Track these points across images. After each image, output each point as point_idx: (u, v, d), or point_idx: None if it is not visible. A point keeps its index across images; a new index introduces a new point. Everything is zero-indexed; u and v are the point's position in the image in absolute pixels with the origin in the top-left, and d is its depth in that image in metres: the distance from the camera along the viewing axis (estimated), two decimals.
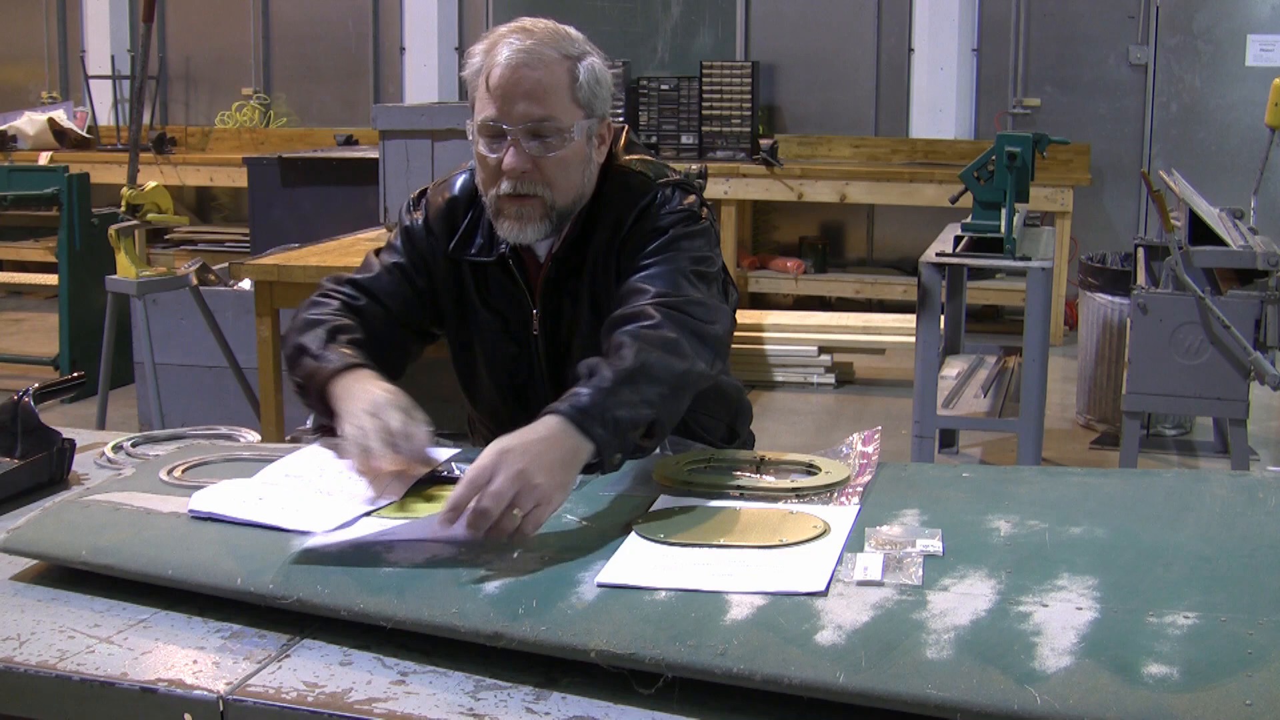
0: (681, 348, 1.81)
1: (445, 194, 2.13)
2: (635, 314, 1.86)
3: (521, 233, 1.96)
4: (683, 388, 1.82)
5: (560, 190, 1.95)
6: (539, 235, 1.97)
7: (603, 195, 2.03)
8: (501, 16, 8.67)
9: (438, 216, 2.12)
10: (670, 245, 1.97)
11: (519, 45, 1.89)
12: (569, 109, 1.91)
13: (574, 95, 1.92)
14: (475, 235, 2.08)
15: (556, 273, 2.05)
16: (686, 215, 2.00)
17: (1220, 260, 4.15)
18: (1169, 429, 5.30)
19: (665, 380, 1.77)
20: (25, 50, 9.68)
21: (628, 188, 2.03)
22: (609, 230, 2.01)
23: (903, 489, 1.71)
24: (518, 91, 1.88)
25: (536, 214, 1.94)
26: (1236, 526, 1.52)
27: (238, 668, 1.36)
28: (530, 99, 1.88)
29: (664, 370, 1.77)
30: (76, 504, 1.73)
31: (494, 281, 2.09)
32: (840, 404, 5.95)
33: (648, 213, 2.00)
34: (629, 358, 1.75)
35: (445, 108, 4.97)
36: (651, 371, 1.75)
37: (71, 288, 5.93)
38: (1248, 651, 1.19)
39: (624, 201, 2.02)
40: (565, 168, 1.94)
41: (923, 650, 1.23)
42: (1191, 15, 7.43)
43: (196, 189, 8.93)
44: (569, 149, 1.92)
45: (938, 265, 4.33)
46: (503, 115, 1.89)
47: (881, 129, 8.05)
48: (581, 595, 1.38)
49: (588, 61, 1.94)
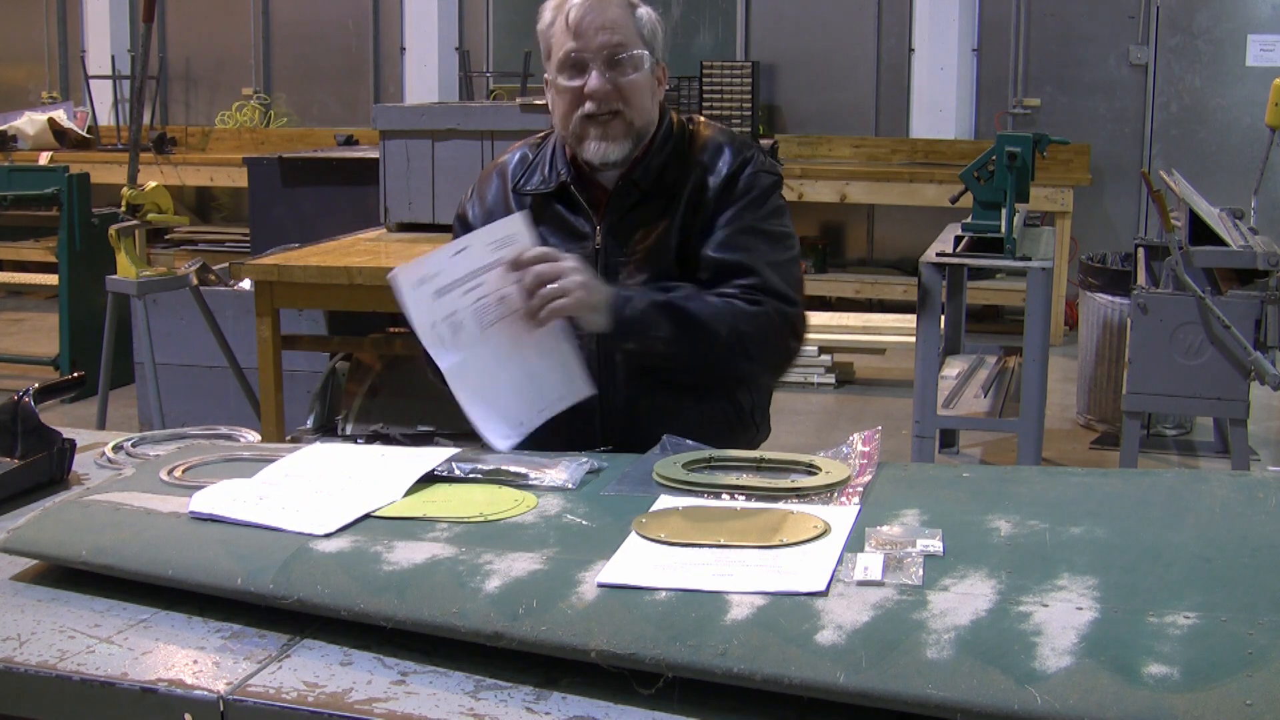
0: (749, 346, 2.13)
1: (494, 168, 2.37)
2: (748, 291, 2.14)
3: (607, 150, 2.17)
4: (714, 366, 2.17)
5: (637, 110, 2.17)
6: (622, 152, 2.18)
7: (695, 140, 2.26)
8: (502, 16, 8.69)
9: (485, 182, 2.36)
10: (775, 214, 2.23)
11: None
12: (638, 40, 2.17)
13: (639, 31, 2.18)
14: (535, 173, 2.29)
15: (626, 195, 2.23)
16: (777, 181, 2.29)
17: (1220, 260, 4.15)
18: (1169, 429, 5.30)
19: (710, 349, 2.11)
20: (25, 50, 9.69)
21: (723, 136, 2.27)
22: (701, 170, 2.22)
23: (903, 489, 1.71)
24: (595, 24, 2.13)
25: (619, 132, 2.17)
26: (1237, 526, 1.52)
27: (238, 668, 1.36)
28: (606, 30, 2.14)
29: (717, 345, 2.10)
30: (76, 504, 1.73)
31: (552, 214, 2.26)
32: (840, 404, 5.95)
33: (750, 163, 2.23)
34: (703, 312, 2.09)
35: (445, 108, 4.97)
36: (707, 334, 2.09)
37: (71, 288, 5.94)
38: (1248, 651, 1.19)
39: (717, 146, 2.24)
40: (639, 90, 2.17)
41: (923, 650, 1.23)
42: (1191, 15, 7.43)
43: (196, 189, 8.94)
44: (641, 75, 2.17)
45: (938, 265, 4.33)
46: (582, 46, 2.14)
47: (881, 129, 8.06)
48: (581, 595, 1.38)
49: (644, 9, 2.22)
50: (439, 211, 4.29)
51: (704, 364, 2.16)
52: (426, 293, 1.98)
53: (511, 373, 2.05)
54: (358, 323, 4.60)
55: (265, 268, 3.89)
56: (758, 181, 2.22)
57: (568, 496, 1.70)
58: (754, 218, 2.20)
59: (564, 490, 1.73)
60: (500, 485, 1.74)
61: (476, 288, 1.99)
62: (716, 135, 2.28)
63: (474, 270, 1.99)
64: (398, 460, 1.80)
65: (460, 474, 1.77)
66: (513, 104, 4.61)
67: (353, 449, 1.94)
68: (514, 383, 2.05)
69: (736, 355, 2.14)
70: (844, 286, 7.65)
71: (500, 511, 1.64)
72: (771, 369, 2.29)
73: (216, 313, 4.71)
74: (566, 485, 1.74)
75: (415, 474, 1.74)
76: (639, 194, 2.22)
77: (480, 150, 4.27)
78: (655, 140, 2.23)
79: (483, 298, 1.99)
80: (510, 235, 2.02)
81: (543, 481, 1.75)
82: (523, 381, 2.06)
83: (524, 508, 1.65)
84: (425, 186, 4.35)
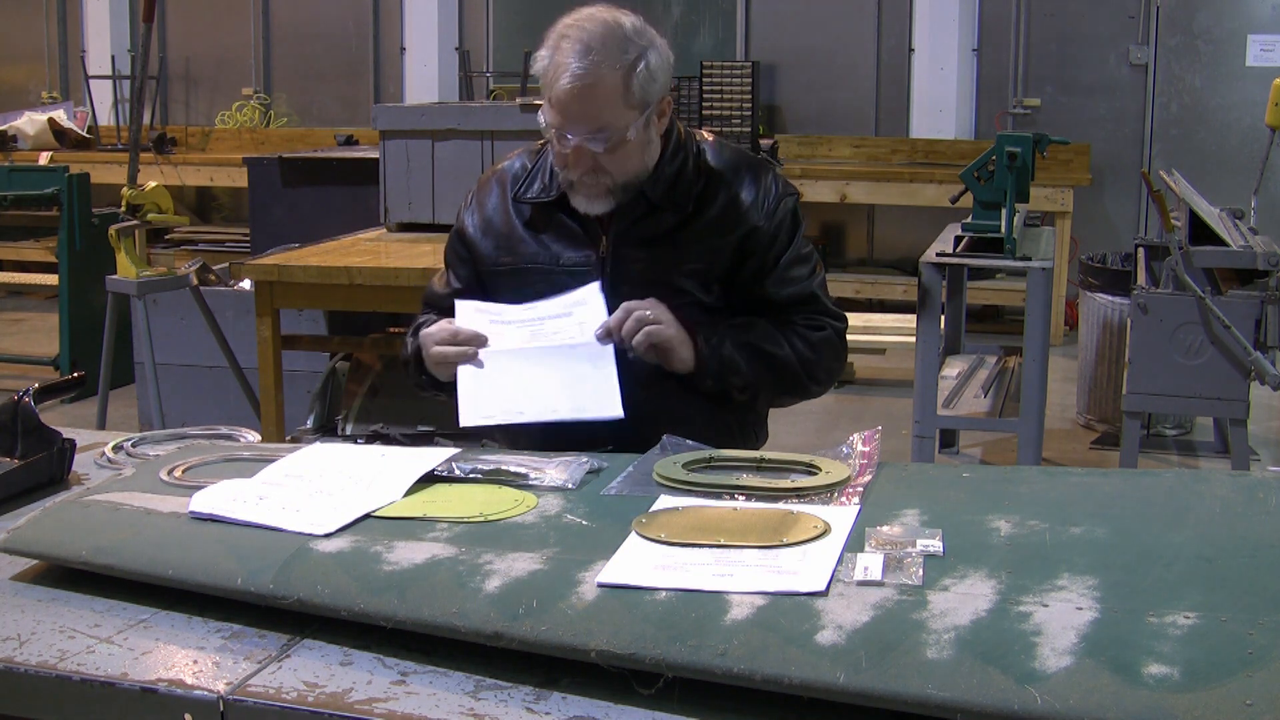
0: (816, 371, 2.26)
1: (493, 175, 2.37)
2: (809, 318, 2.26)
3: (591, 205, 2.19)
4: (787, 395, 2.31)
5: (621, 173, 2.17)
6: (608, 207, 2.20)
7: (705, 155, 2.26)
8: (502, 16, 8.68)
9: (484, 190, 2.35)
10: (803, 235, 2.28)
11: (577, 67, 2.06)
12: (623, 115, 2.10)
13: (628, 101, 2.10)
14: (535, 181, 2.29)
15: (635, 205, 2.21)
16: (798, 198, 2.31)
17: (1220, 260, 4.15)
18: (1169, 429, 5.30)
19: (783, 380, 2.24)
20: (25, 50, 9.69)
21: (734, 155, 2.29)
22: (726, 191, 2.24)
23: (903, 489, 1.71)
24: (574, 110, 2.08)
25: (602, 191, 2.18)
26: (1236, 526, 1.52)
27: (238, 668, 1.36)
28: (586, 118, 2.09)
29: (790, 375, 2.23)
30: (77, 504, 1.73)
31: (555, 222, 2.27)
32: (840, 404, 5.95)
33: (775, 186, 2.26)
34: (778, 348, 2.21)
35: (445, 108, 4.97)
36: (782, 367, 2.22)
37: (72, 288, 5.93)
38: (1248, 651, 1.19)
39: (733, 165, 2.27)
40: (624, 159, 2.15)
41: (923, 650, 1.23)
42: (1191, 15, 7.43)
43: (196, 189, 8.93)
44: (626, 146, 2.13)
45: (938, 265, 4.33)
46: (564, 126, 2.11)
47: (881, 129, 8.05)
48: (581, 595, 1.38)
49: (645, 61, 2.11)
50: (439, 211, 4.29)
51: (777, 394, 2.31)
52: (483, 318, 2.16)
53: (537, 371, 2.10)
54: (358, 323, 4.61)
55: (265, 268, 3.88)
56: (787, 207, 2.26)
57: (568, 496, 1.70)
58: (795, 247, 2.26)
59: (564, 490, 1.73)
60: (500, 485, 1.74)
61: (536, 324, 2.14)
62: (729, 151, 2.30)
63: (539, 317, 2.14)
64: (398, 460, 1.81)
65: (460, 474, 1.77)
66: (513, 104, 4.61)
67: (353, 449, 1.94)
68: (535, 379, 2.10)
69: (807, 381, 2.27)
70: (844, 286, 7.64)
71: (500, 511, 1.64)
72: (831, 382, 2.37)
73: (216, 313, 4.71)
74: (566, 485, 1.74)
75: (415, 474, 1.74)
76: (647, 205, 2.21)
77: (480, 150, 4.27)
78: (665, 154, 2.22)
79: (540, 328, 2.13)
80: (583, 301, 2.13)
81: (543, 481, 1.75)
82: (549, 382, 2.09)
83: (524, 508, 1.66)
84: (425, 186, 4.34)
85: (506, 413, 2.11)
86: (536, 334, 2.12)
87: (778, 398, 2.33)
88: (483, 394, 2.10)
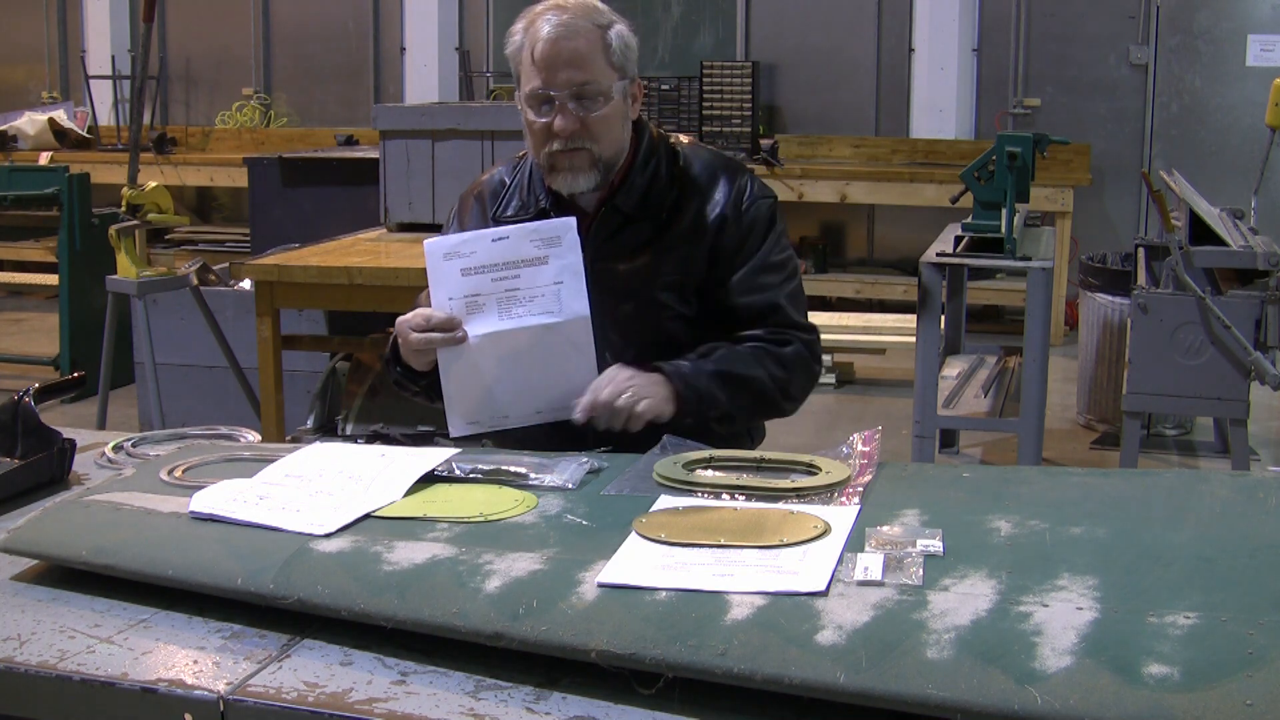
0: (789, 388, 2.22)
1: (474, 191, 2.37)
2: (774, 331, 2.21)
3: (574, 183, 2.16)
4: (762, 415, 2.30)
5: (605, 143, 2.15)
6: (590, 184, 2.17)
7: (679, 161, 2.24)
8: (502, 16, 8.68)
9: (465, 206, 2.35)
10: (779, 241, 2.25)
11: (556, 20, 2.10)
12: (606, 72, 2.12)
13: (609, 60, 2.13)
14: (513, 198, 2.29)
15: (609, 220, 2.21)
16: (774, 203, 2.29)
17: (1220, 260, 4.15)
18: (1169, 429, 5.30)
19: (758, 401, 2.20)
20: (25, 50, 9.68)
21: (710, 157, 2.27)
22: (698, 198, 2.22)
23: (903, 489, 1.71)
24: (560, 61, 2.09)
25: (586, 164, 2.15)
26: (1237, 526, 1.52)
27: (238, 668, 1.36)
28: (572, 66, 2.09)
29: (765, 396, 2.19)
30: (77, 504, 1.73)
31: None
32: (840, 404, 5.95)
33: (748, 191, 2.24)
34: (748, 371, 2.16)
35: (445, 108, 4.97)
36: (755, 389, 2.17)
37: (72, 288, 5.93)
38: (1248, 651, 1.19)
39: (708, 169, 2.24)
40: (608, 124, 2.14)
41: (923, 650, 1.23)
42: (1191, 15, 7.43)
43: (197, 189, 8.93)
44: (609, 107, 2.13)
45: (938, 265, 4.33)
46: (548, 83, 2.10)
47: (882, 129, 8.05)
48: (581, 595, 1.38)
49: (616, 29, 2.15)
50: (439, 212, 4.29)
51: (752, 416, 2.29)
52: (454, 267, 2.06)
53: (515, 370, 2.06)
54: (358, 323, 4.61)
55: (265, 268, 3.89)
56: (760, 210, 2.23)
57: (568, 496, 1.70)
58: (765, 252, 2.23)
59: (564, 490, 1.73)
60: (500, 485, 1.74)
61: (510, 279, 2.05)
62: (703, 156, 2.27)
63: (510, 260, 2.05)
64: (398, 460, 1.80)
65: (460, 474, 1.77)
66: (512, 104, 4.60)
67: (353, 449, 1.93)
68: (514, 379, 2.08)
69: (781, 399, 2.24)
70: (844, 286, 7.64)
71: (500, 511, 1.64)
72: (804, 398, 2.33)
73: (216, 313, 4.71)
74: (566, 485, 1.74)
75: (415, 474, 1.74)
76: (621, 218, 2.21)
77: (480, 150, 4.27)
78: (635, 161, 2.21)
79: (514, 289, 2.05)
80: (557, 237, 2.07)
81: (543, 481, 1.75)
82: (528, 381, 2.08)
83: (524, 508, 1.66)
84: (425, 187, 4.35)
85: (493, 417, 2.11)
86: (512, 300, 2.06)
87: (753, 419, 2.32)
88: (467, 402, 2.09)
